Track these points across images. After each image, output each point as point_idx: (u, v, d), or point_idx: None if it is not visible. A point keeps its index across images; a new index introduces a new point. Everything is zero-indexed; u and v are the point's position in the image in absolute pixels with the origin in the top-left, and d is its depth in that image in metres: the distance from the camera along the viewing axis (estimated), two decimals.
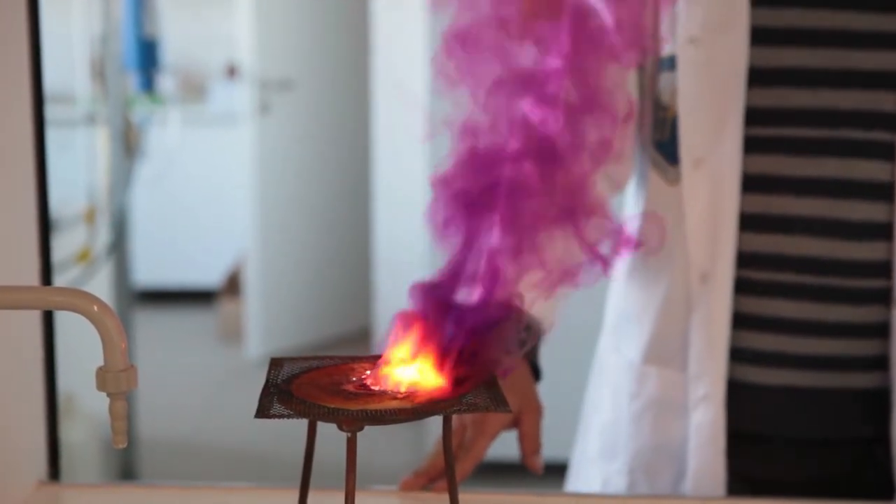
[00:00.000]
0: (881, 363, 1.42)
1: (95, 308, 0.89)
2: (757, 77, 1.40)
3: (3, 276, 1.29)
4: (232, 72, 6.21)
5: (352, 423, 0.88)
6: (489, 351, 0.96)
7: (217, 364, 5.30)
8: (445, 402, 0.91)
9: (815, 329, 1.42)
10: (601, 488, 1.56)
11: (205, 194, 6.27)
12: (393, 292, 4.33)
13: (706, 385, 1.44)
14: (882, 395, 1.43)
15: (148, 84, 4.29)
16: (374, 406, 0.90)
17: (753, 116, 1.40)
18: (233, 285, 5.74)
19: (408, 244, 4.20)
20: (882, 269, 1.40)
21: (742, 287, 1.43)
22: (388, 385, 0.94)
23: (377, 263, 4.77)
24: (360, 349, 5.06)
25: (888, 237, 1.40)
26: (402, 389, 0.93)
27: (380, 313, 4.70)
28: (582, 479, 1.61)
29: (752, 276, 1.43)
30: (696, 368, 1.44)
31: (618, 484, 1.53)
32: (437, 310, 0.96)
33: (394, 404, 0.91)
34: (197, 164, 6.18)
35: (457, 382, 0.94)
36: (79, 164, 3.81)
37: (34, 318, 1.40)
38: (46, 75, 1.40)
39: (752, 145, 1.41)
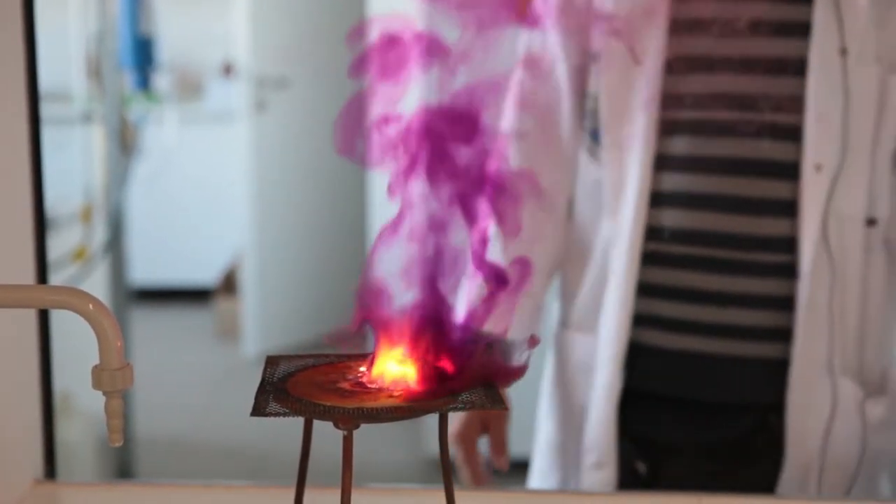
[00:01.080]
0: (782, 334, 1.50)
1: (91, 306, 0.89)
2: (672, 65, 1.50)
3: None
4: (228, 70, 6.21)
5: (348, 421, 0.88)
6: (484, 355, 0.96)
7: (214, 362, 5.30)
8: (442, 399, 0.91)
9: (720, 299, 1.51)
10: (545, 449, 1.67)
11: (201, 192, 6.27)
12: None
13: (610, 347, 1.53)
14: (781, 364, 1.51)
15: (144, 82, 4.29)
16: (370, 404, 0.90)
17: (669, 101, 1.50)
18: (229, 283, 5.74)
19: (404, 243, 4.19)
20: (786, 244, 1.49)
21: (653, 259, 1.52)
22: (385, 383, 0.94)
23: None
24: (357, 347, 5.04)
25: (792, 214, 1.48)
26: (399, 387, 0.93)
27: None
28: (535, 441, 1.71)
29: (662, 248, 1.52)
30: (604, 332, 1.54)
31: (552, 441, 1.66)
32: (429, 309, 0.96)
33: (390, 402, 0.91)
34: (193, 163, 6.17)
35: (453, 380, 0.94)
36: (75, 162, 3.81)
37: (30, 317, 1.40)
38: (42, 73, 1.40)
39: (667, 128, 1.51)
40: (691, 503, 1.41)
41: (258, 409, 0.90)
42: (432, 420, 0.97)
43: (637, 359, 1.55)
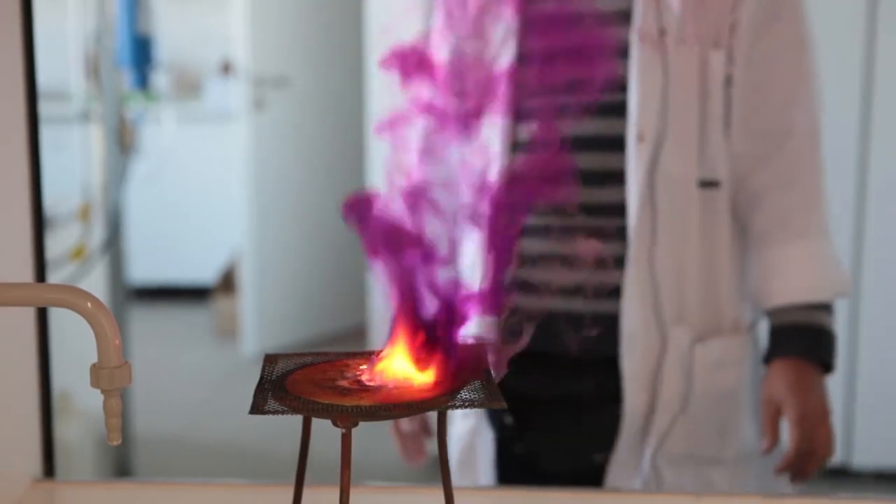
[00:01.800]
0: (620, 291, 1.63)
1: (89, 304, 0.89)
2: (520, 59, 1.64)
3: None
4: (226, 69, 6.21)
5: (346, 419, 0.88)
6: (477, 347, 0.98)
7: (212, 361, 5.30)
8: (440, 397, 0.91)
9: (569, 262, 1.63)
10: None
11: (200, 191, 6.27)
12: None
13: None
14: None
15: (142, 81, 4.28)
16: (368, 402, 0.90)
17: (519, 92, 1.64)
18: (228, 282, 5.74)
19: None
20: (620, 209, 1.62)
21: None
22: (383, 381, 0.94)
23: None
24: (356, 346, 5.06)
25: (622, 181, 1.61)
26: (397, 385, 0.93)
27: (375, 310, 4.70)
28: None
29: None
30: None
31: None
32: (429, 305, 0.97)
33: (388, 400, 0.91)
34: (192, 161, 6.18)
35: (451, 378, 0.94)
36: (73, 161, 3.81)
37: (28, 316, 1.40)
38: (40, 72, 1.40)
39: (519, 116, 1.66)
40: (689, 502, 1.41)
41: (257, 408, 0.90)
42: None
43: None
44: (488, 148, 1.65)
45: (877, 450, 3.76)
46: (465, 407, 0.92)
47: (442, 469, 0.96)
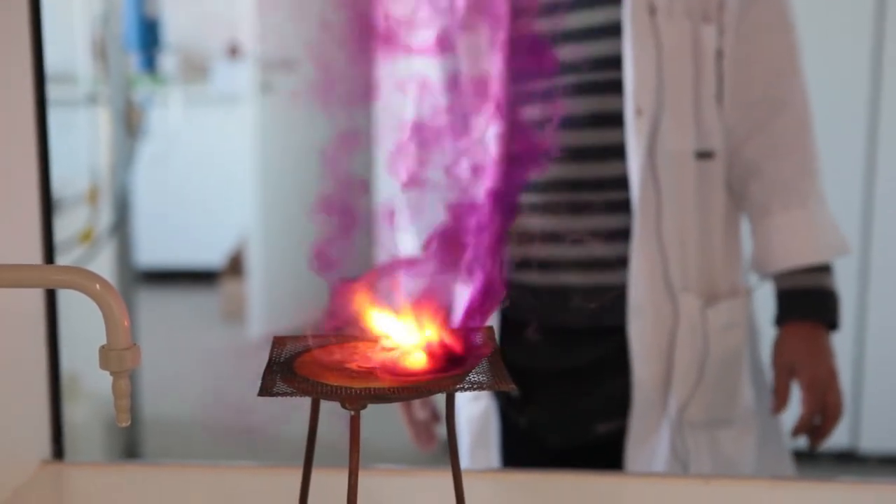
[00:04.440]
0: (626, 263, 1.67)
1: (98, 286, 0.89)
2: (516, 44, 1.64)
3: (6, 255, 1.29)
4: (234, 51, 6.20)
5: (355, 401, 0.88)
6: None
7: (220, 344, 5.31)
8: (449, 379, 0.91)
9: (574, 237, 1.68)
10: None
11: (207, 174, 6.27)
12: None
13: None
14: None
15: (149, 64, 4.29)
16: (377, 384, 0.90)
17: (517, 75, 1.63)
18: (235, 265, 5.74)
19: None
20: (623, 183, 1.65)
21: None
22: (392, 363, 0.94)
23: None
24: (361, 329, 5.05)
25: (624, 156, 1.65)
26: (406, 368, 0.93)
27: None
28: None
29: (524, 198, 1.70)
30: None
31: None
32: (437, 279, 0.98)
33: (397, 382, 0.91)
34: (199, 144, 6.17)
35: (459, 360, 0.94)
36: (80, 144, 3.81)
37: (37, 298, 1.40)
38: (47, 55, 1.40)
39: (518, 97, 1.64)
40: (698, 484, 1.41)
41: (265, 389, 0.90)
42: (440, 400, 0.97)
43: (509, 296, 1.70)
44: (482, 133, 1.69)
45: (884, 434, 3.77)
46: (474, 389, 0.91)
47: (451, 452, 0.96)
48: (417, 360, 0.94)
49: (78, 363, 2.57)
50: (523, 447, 1.77)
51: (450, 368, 0.93)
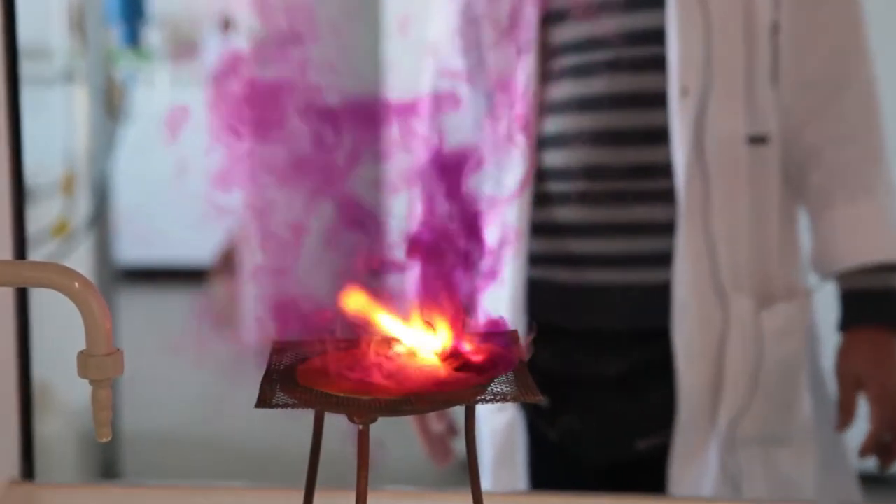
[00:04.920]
0: (670, 259, 1.67)
1: (77, 285, 0.89)
2: (547, 17, 1.70)
3: None
4: (227, 25, 6.21)
5: (364, 413, 0.88)
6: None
7: (210, 351, 5.31)
8: (469, 390, 0.91)
9: (610, 230, 1.68)
10: None
11: (197, 161, 6.27)
12: None
13: (510, 287, 1.71)
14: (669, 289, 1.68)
15: (133, 38, 4.28)
16: (388, 395, 0.89)
17: (546, 50, 1.70)
18: (227, 263, 5.75)
19: None
20: (666, 170, 1.65)
21: (544, 199, 1.71)
22: (405, 372, 0.94)
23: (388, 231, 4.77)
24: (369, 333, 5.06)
25: (666, 140, 1.65)
26: (420, 377, 0.93)
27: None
28: None
29: (551, 188, 1.71)
30: (504, 275, 1.68)
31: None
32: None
33: (410, 393, 0.90)
34: (188, 128, 6.18)
35: (480, 367, 0.94)
36: (55, 126, 3.81)
37: (6, 298, 1.40)
38: (20, 28, 1.40)
39: (550, 75, 1.70)
40: None
41: (263, 400, 0.90)
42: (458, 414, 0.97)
43: (538, 295, 1.71)
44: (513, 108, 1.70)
45: None
46: (497, 401, 0.91)
47: (470, 471, 0.96)
48: (433, 368, 0.93)
49: (50, 371, 2.57)
50: (554, 464, 1.76)
51: (469, 377, 0.93)
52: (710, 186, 1.64)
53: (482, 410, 1.75)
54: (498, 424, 1.78)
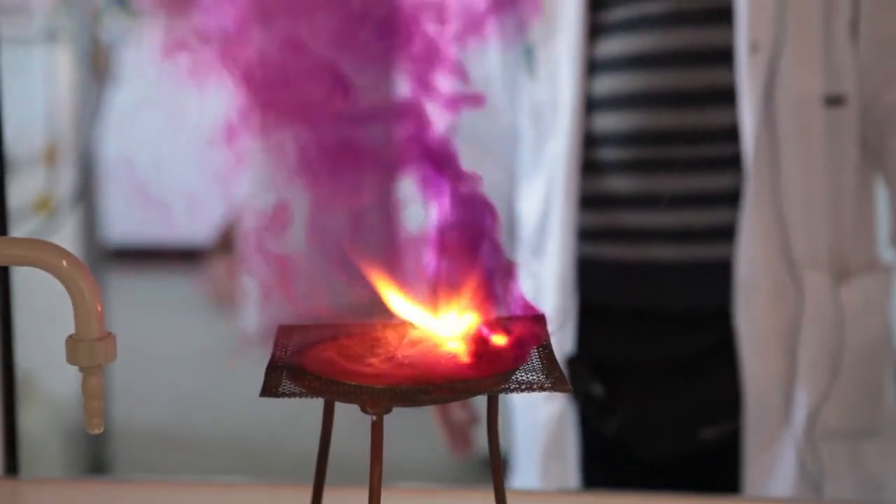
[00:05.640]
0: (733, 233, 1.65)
1: (65, 263, 0.90)
2: None
3: None
4: None
5: (377, 403, 0.88)
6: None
7: (207, 337, 5.33)
8: (491, 378, 0.91)
9: (670, 201, 1.66)
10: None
11: (191, 130, 6.27)
12: None
13: (556, 263, 1.70)
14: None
15: None
16: (404, 383, 0.90)
17: (596, 2, 1.68)
18: (226, 242, 5.76)
19: None
20: (732, 134, 1.63)
21: (595, 167, 1.69)
22: (422, 358, 0.94)
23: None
24: (384, 316, 5.06)
25: (732, 101, 1.63)
26: (439, 363, 0.93)
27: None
28: None
29: (603, 155, 1.68)
30: (550, 249, 1.71)
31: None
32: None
33: (428, 381, 0.90)
34: (181, 92, 6.17)
35: (504, 354, 0.94)
36: (35, 91, 3.81)
37: None
38: None
39: (597, 30, 1.67)
40: None
41: (269, 389, 0.91)
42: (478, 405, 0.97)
43: (588, 274, 1.71)
44: (556, 72, 1.69)
45: None
46: (522, 390, 0.91)
47: (493, 465, 0.96)
48: (453, 355, 0.94)
49: (34, 360, 2.58)
50: (609, 459, 1.76)
51: (492, 363, 0.93)
52: (780, 152, 1.61)
53: (526, 400, 1.75)
54: (546, 415, 1.77)
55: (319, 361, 0.94)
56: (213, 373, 4.89)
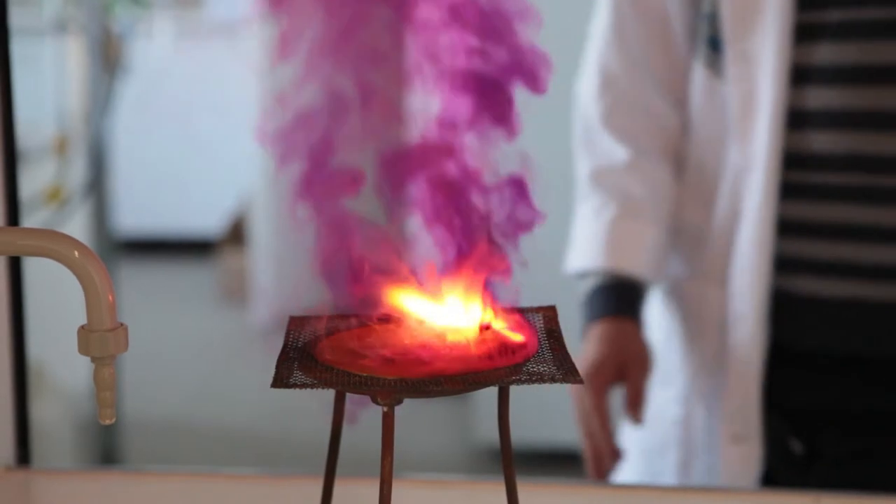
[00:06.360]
0: None
1: (76, 253, 0.90)
2: None
3: None
4: None
5: (389, 394, 0.88)
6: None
7: (217, 329, 5.33)
8: (503, 369, 0.91)
9: (883, 235, 1.51)
10: (657, 413, 1.64)
11: (202, 121, 6.28)
12: None
13: (748, 297, 1.55)
14: None
15: None
16: (415, 374, 0.90)
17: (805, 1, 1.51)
18: (236, 234, 5.76)
19: None
20: None
21: (796, 191, 1.54)
22: (433, 349, 0.94)
23: None
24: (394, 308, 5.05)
25: None
26: (451, 355, 0.93)
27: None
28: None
29: (807, 178, 1.54)
30: (739, 280, 1.55)
31: (674, 412, 1.65)
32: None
33: (439, 373, 0.91)
34: (192, 83, 6.18)
35: (515, 347, 0.94)
36: (46, 82, 3.81)
37: None
38: None
39: (806, 32, 1.50)
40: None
41: (280, 380, 0.91)
42: (488, 397, 0.97)
43: (784, 311, 1.56)
44: (752, 76, 1.54)
45: None
46: (533, 382, 0.91)
47: (504, 457, 0.96)
48: (465, 346, 0.94)
49: (46, 350, 2.59)
50: None
51: (504, 356, 0.93)
52: None
53: (712, 440, 1.60)
54: (673, 414, 1.65)
55: (330, 352, 0.95)
56: (223, 364, 4.90)
